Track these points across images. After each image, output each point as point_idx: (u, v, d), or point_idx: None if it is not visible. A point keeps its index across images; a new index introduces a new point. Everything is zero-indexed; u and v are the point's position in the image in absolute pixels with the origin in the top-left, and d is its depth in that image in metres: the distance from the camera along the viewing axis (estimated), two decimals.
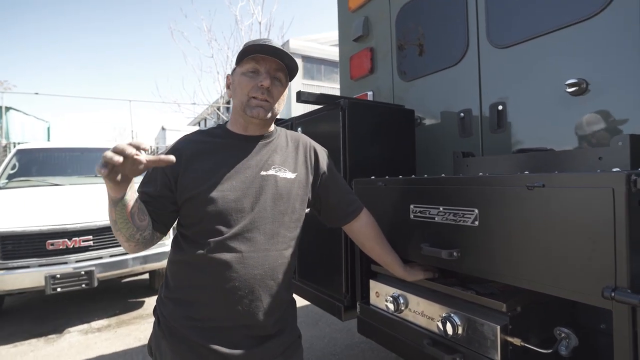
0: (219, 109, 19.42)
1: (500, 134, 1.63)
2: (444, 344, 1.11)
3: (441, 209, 1.10)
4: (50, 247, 3.04)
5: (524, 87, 1.54)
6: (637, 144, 1.11)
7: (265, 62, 1.03)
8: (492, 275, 0.99)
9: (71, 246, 3.11)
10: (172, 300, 1.02)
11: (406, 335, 1.25)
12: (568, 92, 1.37)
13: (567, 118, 1.39)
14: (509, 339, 0.98)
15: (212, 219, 0.99)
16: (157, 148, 13.55)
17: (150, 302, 3.84)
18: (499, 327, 0.98)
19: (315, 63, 18.44)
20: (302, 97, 1.78)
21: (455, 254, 1.04)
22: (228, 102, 18.54)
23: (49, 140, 11.69)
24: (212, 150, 1.05)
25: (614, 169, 0.82)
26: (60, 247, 3.08)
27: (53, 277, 2.98)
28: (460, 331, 1.07)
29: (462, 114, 1.79)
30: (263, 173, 1.04)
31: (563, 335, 0.93)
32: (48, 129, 12.45)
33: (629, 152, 1.08)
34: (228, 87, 1.12)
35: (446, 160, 1.81)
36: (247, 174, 1.03)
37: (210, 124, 22.80)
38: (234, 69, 1.09)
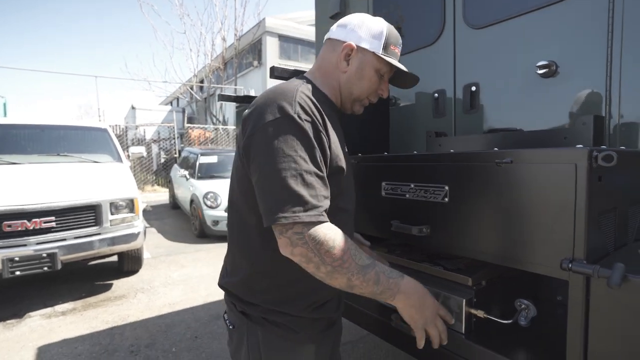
0: (192, 88, 18.77)
1: (473, 115, 1.65)
2: None
3: (412, 185, 1.11)
4: (7, 229, 2.87)
5: (497, 69, 1.56)
6: (600, 124, 1.14)
7: (392, 71, 1.03)
8: (460, 251, 1.01)
9: (31, 228, 2.95)
10: (291, 295, 0.91)
11: (375, 311, 1.27)
12: (539, 73, 1.39)
13: (537, 99, 1.42)
14: (473, 311, 1.01)
15: (342, 196, 0.92)
16: (126, 127, 12.97)
17: (119, 284, 3.74)
18: (464, 300, 1.01)
19: (292, 42, 18.03)
20: (275, 72, 1.73)
21: (425, 230, 1.05)
22: (201, 81, 17.95)
23: (5, 116, 10.93)
24: (330, 118, 0.91)
25: (577, 146, 0.84)
26: (19, 228, 2.91)
27: (11, 259, 2.82)
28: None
29: (436, 95, 1.79)
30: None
31: (523, 306, 0.97)
32: (4, 104, 11.62)
33: (592, 132, 1.11)
34: (347, 56, 0.96)
35: (420, 140, 1.83)
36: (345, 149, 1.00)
37: (183, 103, 22.04)
38: (365, 48, 0.96)
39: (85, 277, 3.95)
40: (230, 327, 0.97)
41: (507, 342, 0.99)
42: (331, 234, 0.78)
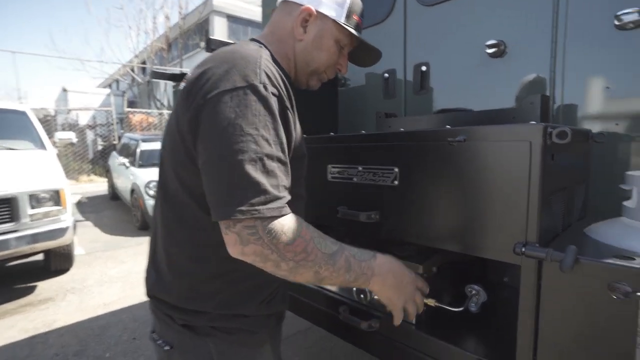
0: (133, 69, 17.35)
1: (423, 96, 1.60)
2: (361, 310, 1.06)
3: (360, 168, 1.02)
4: None
5: (448, 48, 1.51)
6: (546, 104, 1.13)
7: (353, 44, 0.91)
8: (411, 237, 0.94)
9: None
10: (245, 293, 0.77)
11: (323, 304, 1.19)
12: (488, 53, 1.36)
13: (486, 79, 1.39)
14: (424, 300, 0.96)
15: (301, 182, 0.85)
16: (56, 111, 11.71)
17: (45, 286, 3.33)
18: None
19: (241, 24, 17.27)
20: (212, 45, 1.54)
21: (373, 216, 0.97)
22: (143, 62, 16.65)
23: None
24: (291, 96, 0.79)
25: (531, 122, 0.79)
26: None
27: None
28: (376, 296, 1.03)
29: (386, 75, 1.72)
30: None
31: (474, 292, 0.93)
32: None
33: (539, 112, 1.09)
34: (305, 22, 0.83)
35: (369, 122, 1.76)
36: None
37: (123, 86, 20.38)
38: (325, 15, 0.83)
39: (2, 281, 3.47)
40: (166, 347, 0.78)
41: (458, 330, 0.95)
42: (289, 223, 0.65)
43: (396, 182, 0.93)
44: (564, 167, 0.84)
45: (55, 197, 3.15)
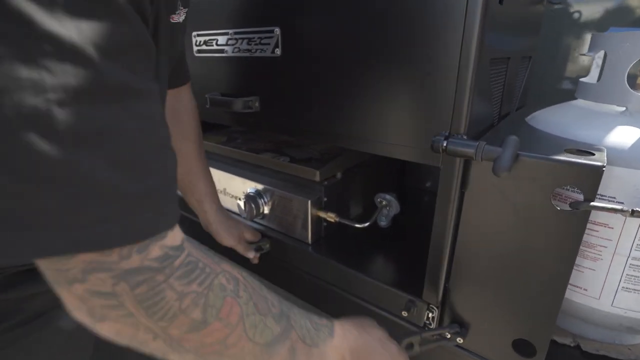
0: None
1: None
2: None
3: (231, 33, 0.68)
4: None
5: None
6: None
7: None
8: (303, 132, 0.67)
9: None
10: None
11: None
12: None
13: None
14: (322, 214, 0.75)
15: None
16: None
17: None
18: (309, 202, 0.73)
19: None
20: None
21: (252, 103, 0.68)
22: None
23: None
24: None
25: None
26: None
27: None
28: (266, 211, 0.80)
29: None
30: None
31: (384, 203, 0.73)
32: None
33: None
34: None
35: None
36: None
37: None
38: None
39: None
40: None
41: (362, 251, 0.77)
42: (193, 298, 0.31)
43: (278, 52, 0.62)
44: (511, 27, 0.59)
45: None
